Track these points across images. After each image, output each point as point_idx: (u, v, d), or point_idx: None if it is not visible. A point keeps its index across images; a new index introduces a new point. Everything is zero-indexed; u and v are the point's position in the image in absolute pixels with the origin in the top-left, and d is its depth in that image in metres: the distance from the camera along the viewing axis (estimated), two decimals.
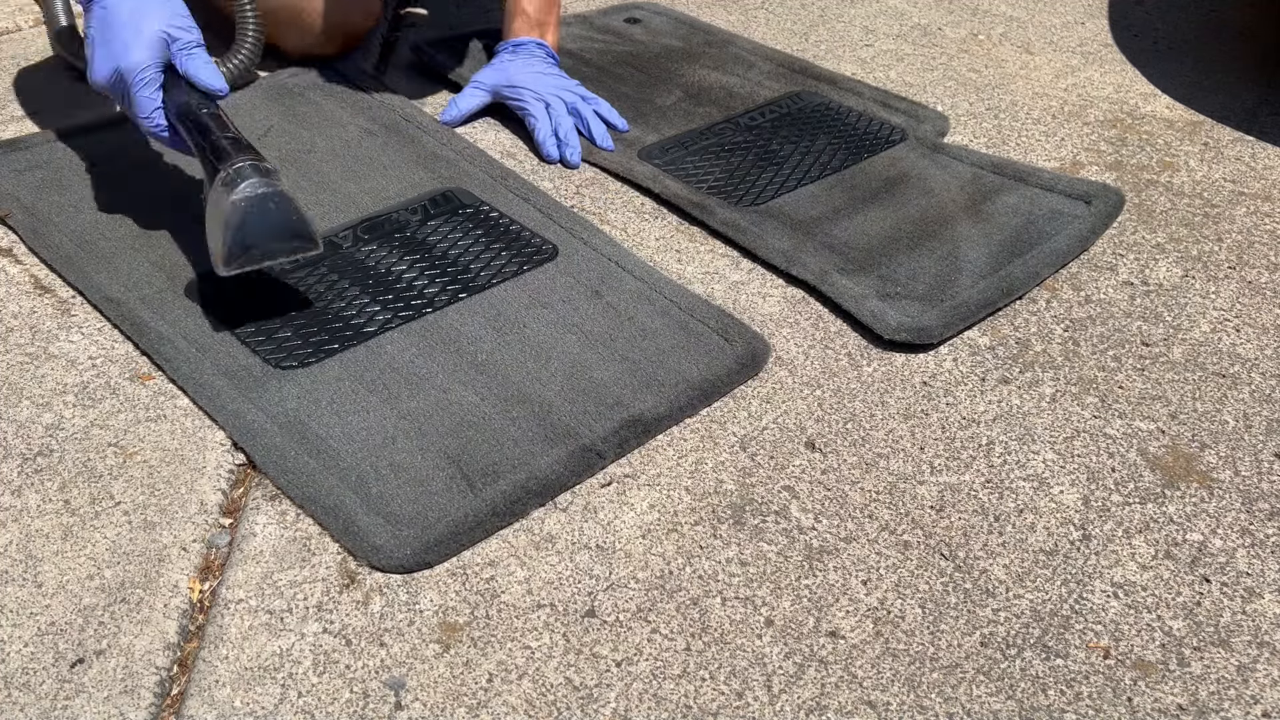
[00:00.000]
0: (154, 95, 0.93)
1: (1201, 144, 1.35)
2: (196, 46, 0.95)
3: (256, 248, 0.87)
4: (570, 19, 1.58)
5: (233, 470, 0.82)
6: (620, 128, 1.27)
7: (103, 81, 0.94)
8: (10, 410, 0.85)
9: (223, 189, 0.87)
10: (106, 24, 0.93)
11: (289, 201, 0.89)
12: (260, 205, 0.87)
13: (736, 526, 0.80)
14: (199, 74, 0.95)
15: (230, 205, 0.86)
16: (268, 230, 0.87)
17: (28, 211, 1.06)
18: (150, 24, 0.93)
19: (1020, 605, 0.75)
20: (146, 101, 0.93)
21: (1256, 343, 1.02)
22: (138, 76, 0.92)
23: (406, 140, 1.23)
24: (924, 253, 1.09)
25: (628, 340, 0.95)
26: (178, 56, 0.95)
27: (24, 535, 0.75)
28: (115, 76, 0.93)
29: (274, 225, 0.88)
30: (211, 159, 0.89)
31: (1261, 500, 0.85)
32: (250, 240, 0.87)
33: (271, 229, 0.88)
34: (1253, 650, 0.73)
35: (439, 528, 0.76)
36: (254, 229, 0.87)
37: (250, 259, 0.87)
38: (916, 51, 1.57)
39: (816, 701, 0.68)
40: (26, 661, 0.67)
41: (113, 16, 0.93)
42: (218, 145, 0.89)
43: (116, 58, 0.92)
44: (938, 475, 0.86)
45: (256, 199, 0.87)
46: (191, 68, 0.95)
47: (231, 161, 0.87)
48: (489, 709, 0.67)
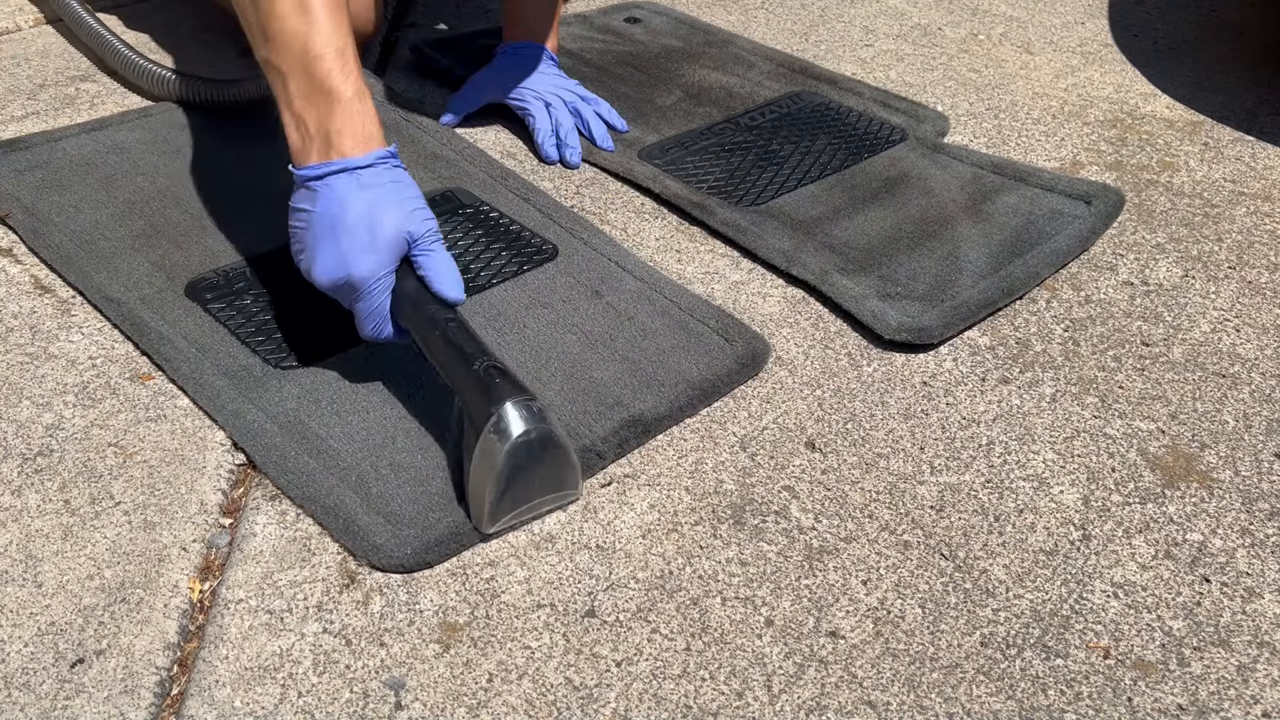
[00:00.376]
0: (383, 304, 0.81)
1: (1201, 144, 1.35)
2: (436, 242, 0.82)
3: (523, 500, 0.78)
4: (570, 19, 1.58)
5: (233, 470, 0.82)
6: (620, 128, 1.27)
7: (326, 286, 0.82)
8: (10, 410, 0.85)
9: (493, 437, 0.75)
10: (334, 221, 0.80)
11: (560, 445, 0.78)
12: (533, 456, 0.76)
13: (736, 526, 0.80)
14: (439, 283, 0.81)
15: (505, 457, 0.75)
16: (536, 482, 0.78)
17: (28, 211, 1.06)
18: (389, 222, 0.79)
19: (1020, 605, 0.75)
20: (371, 315, 0.82)
21: (1256, 343, 1.02)
22: (370, 288, 0.80)
23: (406, 140, 1.23)
24: (924, 253, 1.09)
25: (628, 340, 0.95)
26: (416, 254, 0.81)
27: (24, 535, 0.75)
28: (344, 284, 0.81)
29: (543, 476, 0.78)
30: (477, 396, 0.77)
31: (1261, 500, 0.85)
32: (518, 493, 0.77)
33: (541, 481, 0.78)
34: (1253, 650, 0.73)
35: (439, 528, 0.76)
36: (523, 481, 0.77)
37: (517, 515, 0.78)
38: (916, 51, 1.57)
39: (816, 701, 0.68)
40: (26, 661, 0.67)
41: (344, 212, 0.79)
42: (483, 382, 0.77)
43: (347, 265, 0.79)
44: (938, 475, 0.86)
45: (530, 448, 0.76)
46: (432, 272, 0.81)
47: (500, 403, 0.75)
48: (489, 709, 0.67)
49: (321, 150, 0.81)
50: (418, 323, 0.81)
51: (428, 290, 0.81)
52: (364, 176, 0.80)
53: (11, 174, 1.11)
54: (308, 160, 0.81)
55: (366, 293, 0.80)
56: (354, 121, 0.81)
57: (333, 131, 0.80)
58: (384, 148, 0.82)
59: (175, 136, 1.19)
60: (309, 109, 0.81)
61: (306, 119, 0.81)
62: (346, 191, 0.80)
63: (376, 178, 0.80)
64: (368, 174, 0.80)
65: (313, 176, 0.81)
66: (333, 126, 0.80)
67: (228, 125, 1.22)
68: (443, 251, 0.82)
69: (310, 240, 0.81)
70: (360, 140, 0.81)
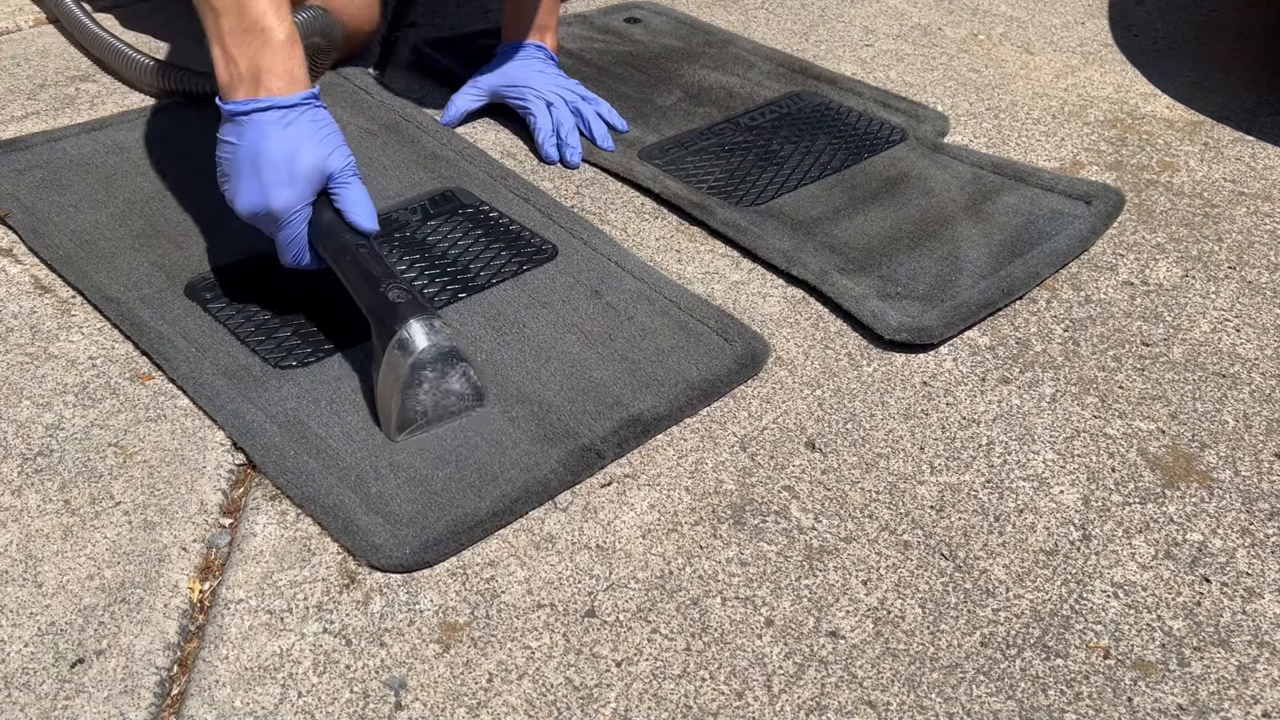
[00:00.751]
0: (301, 234, 0.88)
1: (1201, 144, 1.35)
2: (352, 177, 0.88)
3: (430, 411, 0.84)
4: (570, 19, 1.58)
5: (233, 470, 0.82)
6: (620, 128, 1.27)
7: (245, 215, 0.88)
8: (10, 410, 0.85)
9: (398, 353, 0.81)
10: (256, 155, 0.85)
11: (461, 360, 0.84)
12: (436, 370, 0.83)
13: (736, 526, 0.80)
14: (352, 212, 0.88)
15: (408, 371, 0.81)
16: (442, 394, 0.84)
17: (28, 211, 1.06)
18: (308, 158, 0.85)
19: (1020, 605, 0.75)
20: (292, 243, 0.88)
21: (1256, 343, 1.02)
22: (288, 218, 0.87)
23: (406, 140, 1.23)
24: (924, 253, 1.09)
25: (627, 340, 0.95)
26: (333, 188, 0.88)
27: (24, 535, 0.75)
28: (264, 214, 0.87)
29: (448, 389, 0.84)
30: (384, 316, 0.83)
31: (1261, 500, 0.85)
32: (424, 405, 0.83)
33: (446, 393, 0.84)
34: (1253, 650, 0.73)
35: (438, 527, 0.76)
36: (428, 394, 0.83)
37: (424, 424, 0.84)
38: (916, 51, 1.57)
39: (816, 701, 0.68)
40: (26, 661, 0.67)
41: (264, 147, 0.85)
42: (386, 299, 0.83)
43: (267, 197, 0.85)
44: (938, 475, 0.86)
45: (432, 363, 0.82)
46: (346, 204, 0.88)
47: (405, 321, 0.82)
48: (489, 709, 0.67)
49: (250, 87, 0.85)
50: (333, 250, 0.87)
51: (343, 221, 0.88)
52: (288, 115, 0.85)
53: (11, 174, 1.11)
54: (235, 95, 0.86)
55: (286, 223, 0.87)
56: (283, 62, 0.86)
57: (262, 71, 0.85)
58: (308, 89, 0.87)
59: (175, 136, 1.19)
60: (240, 47, 0.85)
61: (237, 56, 0.85)
62: (271, 128, 0.85)
63: (299, 116, 0.86)
64: (292, 113, 0.86)
65: (240, 111, 0.85)
66: (263, 66, 0.85)
67: None
68: (358, 186, 0.88)
69: (234, 172, 0.86)
70: (287, 81, 0.86)
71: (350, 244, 0.87)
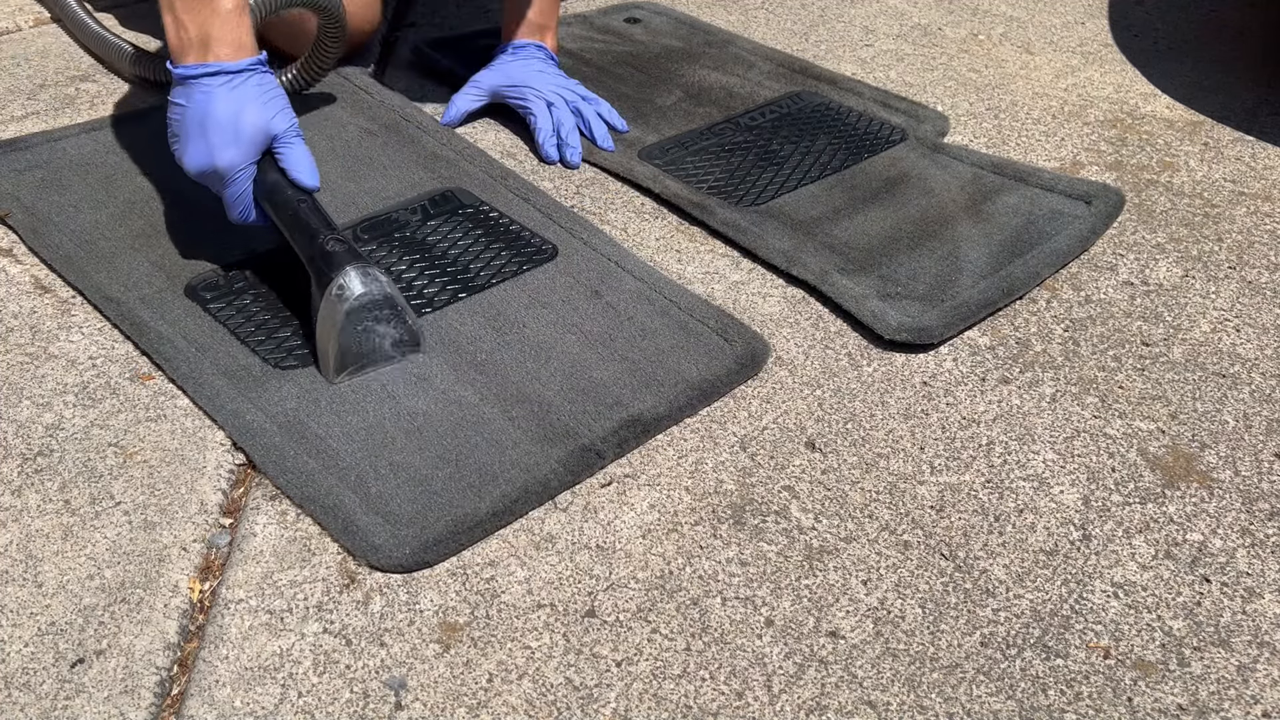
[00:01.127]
0: (246, 192, 0.93)
1: (1201, 144, 1.35)
2: (295, 138, 0.94)
3: (367, 357, 0.88)
4: (570, 19, 1.58)
5: (233, 470, 0.82)
6: (621, 129, 1.27)
7: (193, 173, 0.93)
8: (10, 410, 0.85)
9: (335, 299, 0.86)
10: (203, 116, 0.90)
11: (396, 306, 0.89)
12: (371, 316, 0.87)
13: (736, 526, 0.80)
14: (296, 171, 0.93)
15: (344, 316, 0.86)
16: (377, 339, 0.88)
17: (28, 211, 1.06)
18: (252, 120, 0.90)
19: (1020, 605, 0.75)
20: (236, 200, 0.93)
21: (1256, 343, 1.02)
22: (233, 176, 0.91)
23: (406, 140, 1.23)
24: (924, 253, 1.09)
25: (627, 340, 0.95)
26: (277, 148, 0.93)
27: (24, 535, 0.75)
28: (210, 172, 0.92)
29: (383, 334, 0.89)
30: (319, 264, 0.88)
31: (1261, 500, 0.85)
32: (360, 350, 0.88)
33: (381, 338, 0.89)
34: (1253, 650, 0.73)
35: (438, 527, 0.76)
36: (364, 339, 0.88)
37: (360, 368, 0.88)
38: (916, 51, 1.57)
39: (816, 701, 0.68)
40: (26, 661, 0.67)
41: (211, 109, 0.90)
42: (324, 250, 0.88)
43: (213, 156, 0.90)
44: (938, 475, 0.86)
45: (367, 308, 0.87)
46: (289, 163, 0.93)
47: (342, 270, 0.87)
48: (489, 709, 0.67)
49: (199, 53, 0.90)
50: (276, 205, 0.93)
51: (286, 179, 0.93)
52: (234, 80, 0.90)
53: (11, 174, 1.11)
54: (185, 60, 0.91)
55: (231, 180, 0.91)
56: (231, 30, 0.91)
57: (211, 38, 0.90)
58: (255, 56, 0.92)
59: None
60: (190, 14, 0.90)
61: (187, 23, 0.90)
62: (218, 92, 0.90)
63: (245, 81, 0.91)
64: (238, 78, 0.91)
65: (189, 76, 0.90)
66: (211, 33, 0.90)
67: None
68: (301, 146, 0.94)
69: (183, 132, 0.91)
70: (234, 48, 0.91)
71: (292, 199, 0.92)
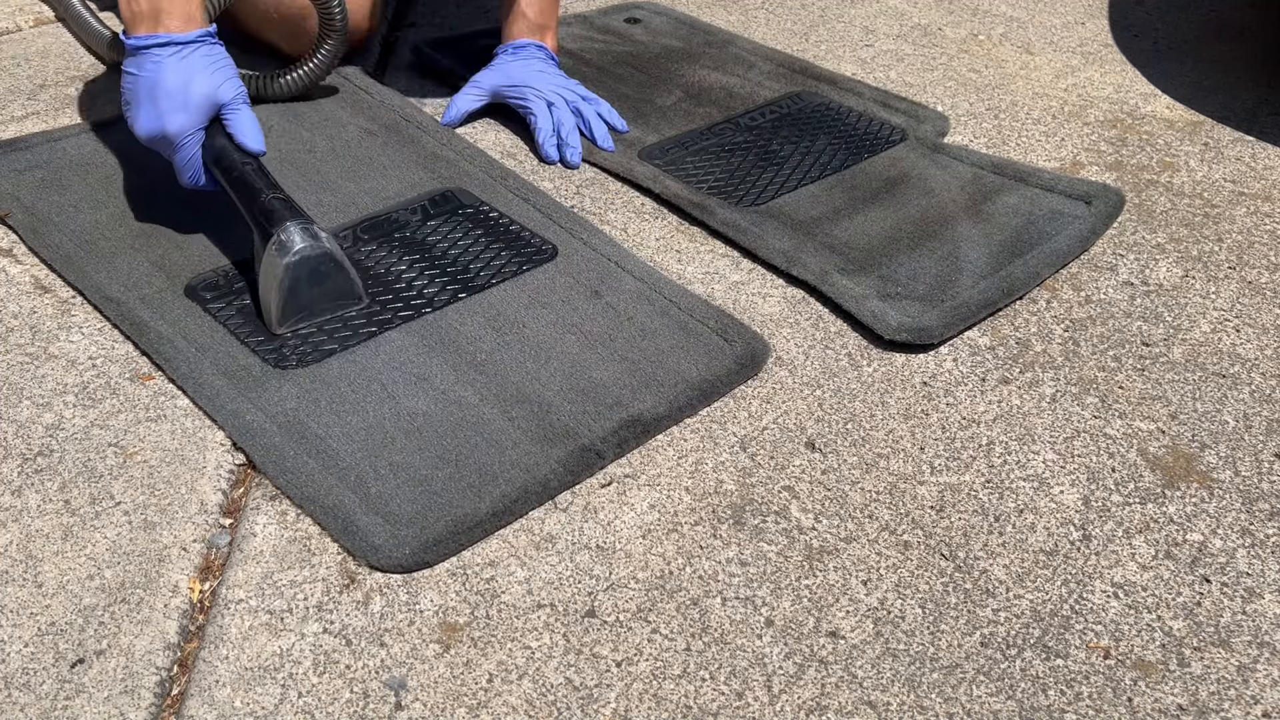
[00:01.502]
0: (194, 157, 0.97)
1: (1201, 144, 1.35)
2: (242, 105, 0.98)
3: (307, 309, 0.93)
4: (570, 19, 1.58)
5: (233, 470, 0.82)
6: (621, 129, 1.27)
7: (144, 138, 0.97)
8: (10, 410, 0.85)
9: (276, 253, 0.90)
10: (154, 85, 0.94)
11: (336, 261, 0.93)
12: (312, 269, 0.91)
13: (736, 526, 0.80)
14: (242, 136, 0.97)
15: (285, 269, 0.90)
16: (318, 293, 0.93)
17: (28, 211, 1.06)
18: (198, 88, 0.95)
19: (1020, 605, 0.75)
20: (186, 164, 0.97)
21: (1256, 343, 1.02)
22: (181, 141, 0.96)
23: (406, 140, 1.23)
24: (924, 253, 1.09)
25: (627, 340, 0.95)
26: (224, 115, 0.98)
27: (24, 535, 0.75)
28: (159, 138, 0.96)
29: (323, 286, 0.93)
30: (262, 220, 0.92)
31: (1261, 500, 0.85)
32: (302, 301, 0.92)
33: (321, 290, 0.93)
34: (1253, 650, 0.73)
35: (438, 527, 0.76)
36: (305, 291, 0.92)
37: (301, 319, 0.93)
38: (916, 51, 1.57)
39: (816, 701, 0.68)
40: (26, 661, 0.67)
41: (161, 78, 0.94)
42: (267, 208, 0.93)
43: (162, 122, 0.95)
44: (938, 475, 0.86)
45: (308, 262, 0.91)
46: (236, 128, 0.97)
47: (282, 226, 0.91)
48: (489, 709, 0.67)
49: (150, 24, 0.95)
50: (223, 168, 0.97)
51: (233, 144, 0.97)
52: (184, 50, 0.95)
53: (11, 174, 1.11)
54: (137, 31, 0.96)
55: (180, 145, 0.96)
56: (180, 4, 0.96)
57: (161, 11, 0.95)
58: (204, 28, 0.97)
59: None
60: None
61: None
62: (167, 62, 0.95)
63: (194, 52, 0.96)
64: (187, 49, 0.95)
65: (141, 46, 0.95)
66: (161, 6, 0.95)
67: None
68: (248, 112, 0.98)
69: (135, 100, 0.96)
70: (184, 20, 0.96)
71: (238, 162, 0.96)
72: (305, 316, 0.93)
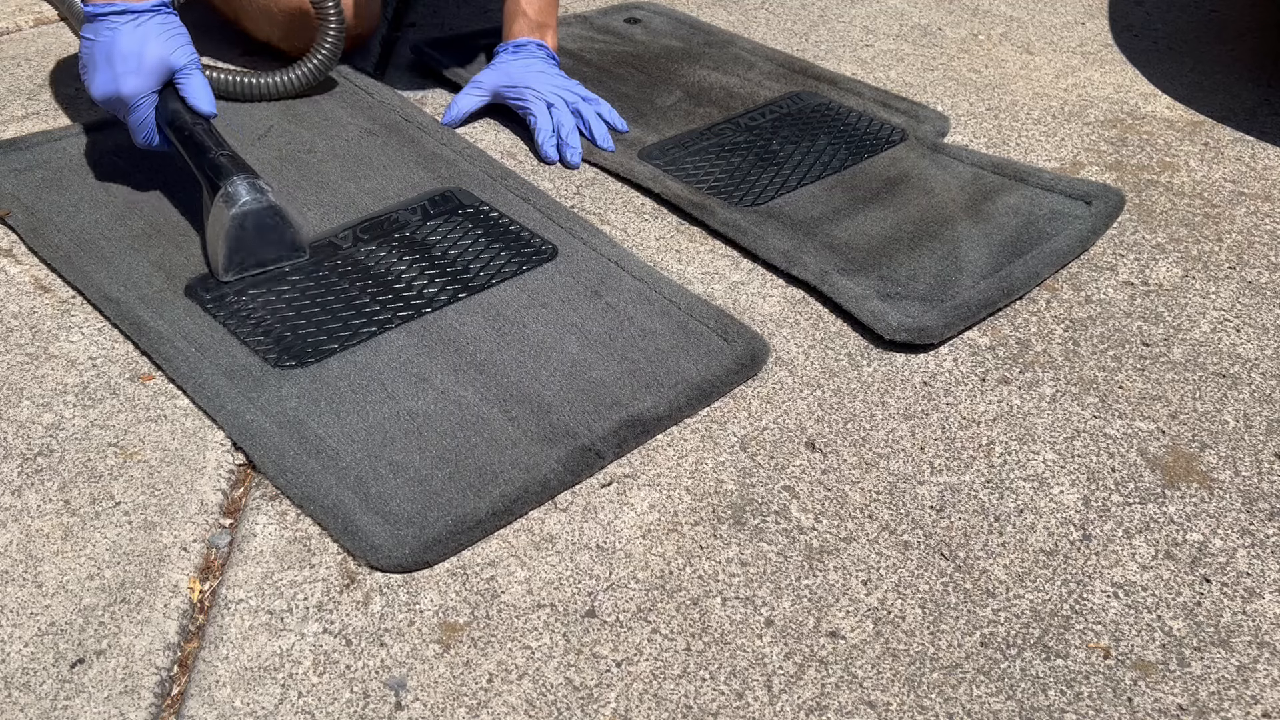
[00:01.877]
0: (147, 118, 1.02)
1: (1201, 144, 1.35)
2: (195, 70, 1.04)
3: (251, 257, 0.98)
4: (570, 19, 1.58)
5: (233, 470, 0.82)
6: (621, 129, 1.27)
7: (100, 100, 1.02)
8: (10, 410, 0.85)
9: (222, 205, 0.96)
10: (110, 49, 0.99)
11: (281, 214, 0.98)
12: (256, 220, 0.97)
13: (736, 526, 0.80)
14: (193, 98, 1.03)
15: (230, 220, 0.96)
16: (261, 242, 0.98)
17: (28, 211, 1.06)
18: (152, 53, 1.00)
19: (1020, 605, 0.75)
20: (140, 125, 1.03)
21: (1256, 343, 1.02)
22: (135, 103, 1.01)
23: (406, 140, 1.23)
24: (924, 253, 1.09)
25: (627, 340, 0.95)
26: (177, 80, 1.03)
27: (24, 535, 0.75)
28: (114, 99, 1.01)
29: (267, 238, 0.98)
30: (209, 174, 0.98)
31: (1261, 500, 0.85)
32: (246, 251, 0.98)
33: (265, 241, 0.98)
34: (1253, 650, 0.73)
35: (438, 527, 0.76)
36: (250, 241, 0.97)
37: (245, 267, 0.98)
38: (916, 51, 1.57)
39: (816, 701, 0.68)
40: (26, 661, 0.67)
41: (116, 43, 0.99)
42: (215, 163, 0.98)
43: (117, 83, 1.00)
44: (938, 475, 0.86)
45: (252, 214, 0.97)
46: (187, 91, 1.03)
47: (229, 179, 0.96)
48: (489, 709, 0.67)
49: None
50: (175, 129, 1.02)
51: (186, 106, 1.03)
52: (139, 18, 1.00)
53: (11, 174, 1.11)
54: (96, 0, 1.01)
55: (134, 107, 1.01)
56: None
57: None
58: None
59: None
60: None
61: None
62: (123, 29, 1.00)
63: (149, 20, 1.01)
64: (143, 16, 1.01)
65: (99, 14, 1.00)
66: None
67: (225, 124, 1.22)
68: (200, 77, 1.04)
69: (91, 64, 1.01)
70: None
71: (189, 123, 1.02)
72: (248, 265, 0.98)
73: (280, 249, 0.99)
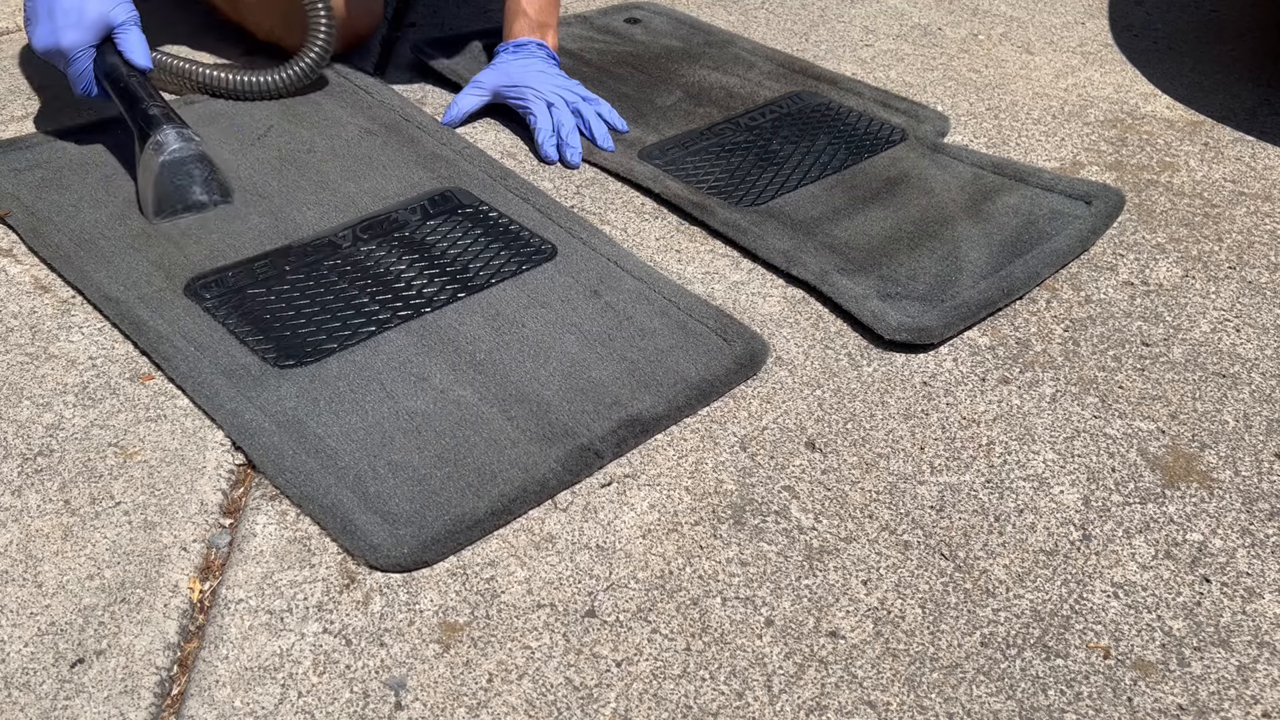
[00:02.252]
0: (86, 70, 1.08)
1: (1201, 144, 1.35)
2: (132, 26, 1.09)
3: (180, 201, 1.06)
4: (570, 19, 1.58)
5: (233, 470, 0.82)
6: (621, 129, 1.27)
7: (40, 51, 1.07)
8: (10, 410, 0.85)
9: (152, 152, 1.04)
10: (52, 3, 1.05)
11: (208, 162, 1.07)
12: (184, 166, 1.06)
13: (736, 526, 0.80)
14: (131, 53, 1.09)
15: (159, 166, 1.04)
16: (190, 187, 1.06)
17: (28, 211, 1.06)
18: (92, 9, 1.06)
19: (1020, 605, 0.75)
20: (79, 76, 1.09)
21: (1256, 343, 1.02)
22: (73, 55, 1.07)
23: (406, 140, 1.23)
24: (924, 253, 1.09)
25: (626, 340, 0.95)
26: (116, 35, 1.09)
27: (24, 535, 0.75)
28: (54, 51, 1.07)
29: (195, 183, 1.06)
30: (141, 124, 1.06)
31: (1261, 500, 0.85)
32: (175, 195, 1.05)
33: (193, 186, 1.06)
34: (1253, 650, 0.73)
35: (437, 526, 0.76)
36: (178, 186, 1.05)
37: (174, 211, 1.05)
38: (916, 51, 1.57)
39: (816, 701, 0.68)
40: (26, 661, 0.67)
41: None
42: (147, 113, 1.06)
43: (58, 36, 1.06)
44: (938, 475, 0.86)
45: (180, 161, 1.05)
46: (125, 46, 1.09)
47: (160, 128, 1.05)
48: (489, 709, 0.67)
49: None
50: (111, 81, 1.09)
51: (123, 59, 1.09)
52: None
53: (11, 174, 1.11)
54: None
55: (72, 59, 1.07)
56: None
57: None
58: None
59: None
60: None
61: None
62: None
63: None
64: None
65: None
66: None
67: (226, 124, 1.22)
68: (137, 33, 1.10)
69: (35, 16, 1.07)
70: None
71: (125, 75, 1.09)
72: (177, 210, 1.05)
73: (207, 193, 1.07)
